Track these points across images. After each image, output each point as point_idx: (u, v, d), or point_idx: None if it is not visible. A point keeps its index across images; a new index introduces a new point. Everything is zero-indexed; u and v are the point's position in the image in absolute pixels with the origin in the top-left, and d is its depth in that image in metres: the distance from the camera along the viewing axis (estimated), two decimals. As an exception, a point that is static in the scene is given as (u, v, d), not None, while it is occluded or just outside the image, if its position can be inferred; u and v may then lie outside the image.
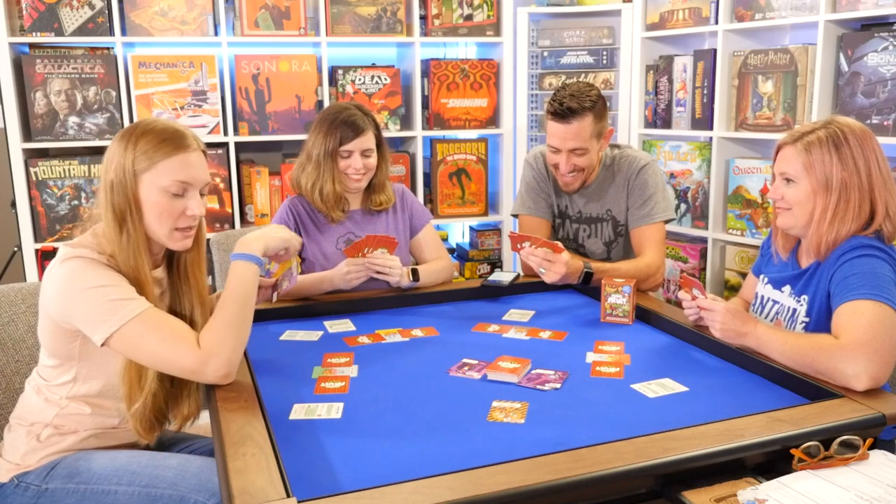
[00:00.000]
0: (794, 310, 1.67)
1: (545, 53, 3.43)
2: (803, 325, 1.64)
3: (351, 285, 2.04)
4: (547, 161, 2.27)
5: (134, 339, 1.39)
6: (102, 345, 1.40)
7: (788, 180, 1.62)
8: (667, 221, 2.25)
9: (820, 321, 1.60)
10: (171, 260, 1.60)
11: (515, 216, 2.43)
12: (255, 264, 1.52)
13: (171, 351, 1.40)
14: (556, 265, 1.96)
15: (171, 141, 1.46)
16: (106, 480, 1.45)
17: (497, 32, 3.32)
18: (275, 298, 1.80)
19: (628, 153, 2.29)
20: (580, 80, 2.86)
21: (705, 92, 3.00)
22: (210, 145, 2.99)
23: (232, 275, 1.50)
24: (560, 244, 1.99)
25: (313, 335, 1.84)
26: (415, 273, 2.13)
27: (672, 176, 3.17)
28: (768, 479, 1.15)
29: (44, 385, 1.55)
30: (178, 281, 1.59)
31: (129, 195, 1.44)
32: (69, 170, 2.88)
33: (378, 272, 2.04)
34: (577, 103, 2.08)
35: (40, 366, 1.57)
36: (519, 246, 2.02)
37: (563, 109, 2.08)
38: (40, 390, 1.55)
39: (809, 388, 1.41)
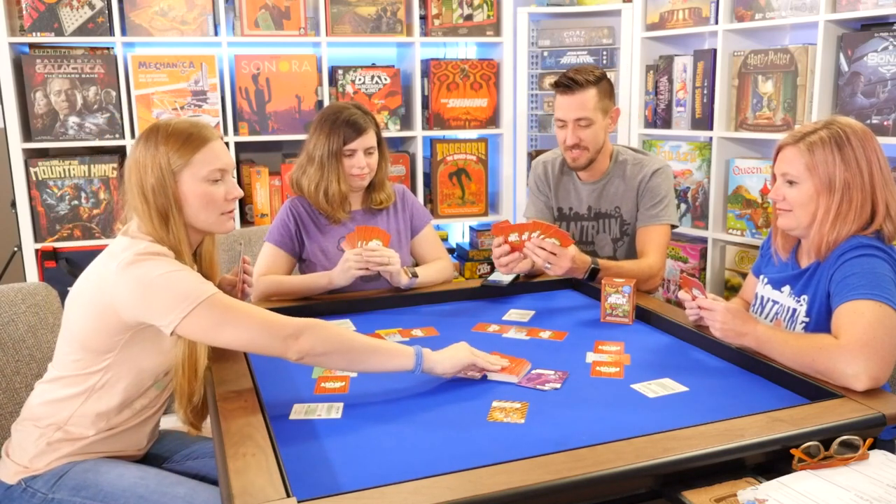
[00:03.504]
0: (794, 310, 1.67)
1: (545, 53, 3.43)
2: (803, 325, 1.64)
3: (351, 278, 2.04)
4: (558, 140, 2.31)
5: (217, 316, 1.39)
6: (172, 332, 1.39)
7: (790, 182, 1.62)
8: (672, 228, 2.29)
9: (820, 321, 1.60)
10: (194, 254, 1.64)
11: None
12: (410, 366, 1.49)
13: (262, 316, 1.42)
14: (562, 259, 1.97)
15: (197, 135, 1.53)
16: (112, 498, 1.45)
17: (497, 32, 3.32)
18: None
19: (642, 156, 2.34)
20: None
21: (705, 92, 3.00)
22: (210, 145, 2.99)
23: (400, 352, 1.49)
24: (569, 236, 1.99)
25: (313, 335, 1.84)
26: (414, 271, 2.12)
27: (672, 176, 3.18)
28: (768, 479, 1.14)
29: (61, 383, 1.52)
30: (203, 273, 1.62)
31: (169, 194, 1.50)
32: (69, 170, 2.88)
33: (378, 263, 2.03)
34: (580, 76, 2.20)
35: (61, 363, 1.54)
36: (525, 237, 1.99)
37: (567, 80, 2.21)
38: (54, 390, 1.53)
39: (809, 388, 1.41)
